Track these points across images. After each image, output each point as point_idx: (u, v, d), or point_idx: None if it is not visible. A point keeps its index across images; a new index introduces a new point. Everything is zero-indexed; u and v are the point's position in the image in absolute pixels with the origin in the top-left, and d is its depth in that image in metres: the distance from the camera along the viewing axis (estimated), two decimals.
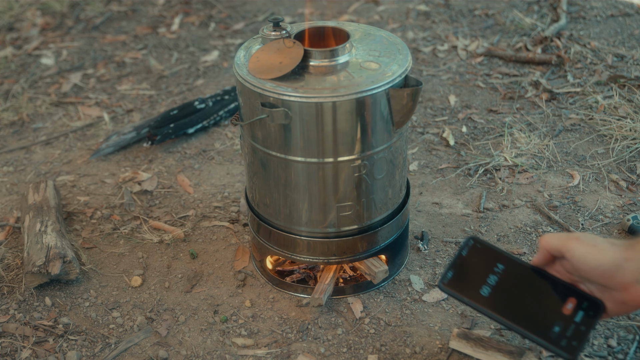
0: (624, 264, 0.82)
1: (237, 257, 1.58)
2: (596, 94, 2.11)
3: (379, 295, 1.44)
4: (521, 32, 2.59)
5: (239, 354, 1.33)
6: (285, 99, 1.20)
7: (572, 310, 0.89)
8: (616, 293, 0.85)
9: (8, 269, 1.56)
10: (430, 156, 1.90)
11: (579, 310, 0.89)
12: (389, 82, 1.21)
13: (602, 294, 0.87)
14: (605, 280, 0.84)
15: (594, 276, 0.85)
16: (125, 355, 1.33)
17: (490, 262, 0.97)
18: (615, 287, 0.84)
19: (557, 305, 0.91)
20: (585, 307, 0.89)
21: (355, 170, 1.28)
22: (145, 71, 2.52)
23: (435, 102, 2.17)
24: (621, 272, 0.82)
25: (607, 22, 2.63)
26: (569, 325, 0.89)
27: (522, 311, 0.93)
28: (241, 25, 2.84)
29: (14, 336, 1.39)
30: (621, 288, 0.83)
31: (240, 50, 1.34)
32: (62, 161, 2.01)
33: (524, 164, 1.82)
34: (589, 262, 0.84)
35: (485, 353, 1.24)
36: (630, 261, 0.82)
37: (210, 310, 1.43)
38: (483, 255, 0.99)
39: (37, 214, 1.62)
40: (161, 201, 1.79)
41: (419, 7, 2.87)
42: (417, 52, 2.50)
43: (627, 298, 0.84)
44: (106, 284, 1.52)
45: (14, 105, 2.33)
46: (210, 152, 2.00)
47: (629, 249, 0.83)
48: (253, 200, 1.43)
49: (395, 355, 1.30)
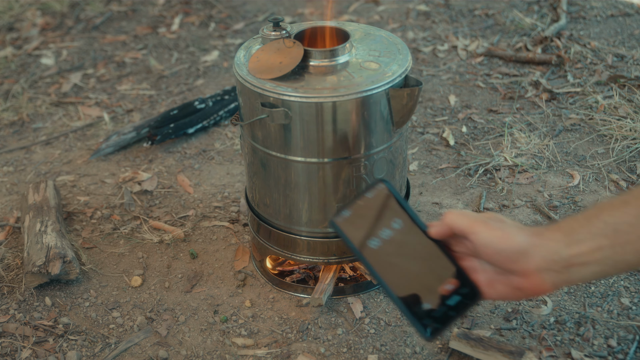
0: (530, 250, 0.79)
1: (237, 257, 1.58)
2: (596, 94, 2.11)
3: (379, 295, 1.44)
4: (521, 32, 2.59)
5: (239, 354, 1.33)
6: (285, 99, 1.20)
7: (450, 292, 0.85)
8: (515, 278, 0.81)
9: (8, 269, 1.56)
10: (430, 156, 1.90)
11: (455, 295, 0.85)
12: (389, 82, 1.21)
13: (498, 275, 0.83)
14: (507, 265, 0.81)
15: (497, 260, 0.81)
16: (125, 355, 1.33)
17: (390, 214, 0.90)
18: (516, 273, 0.81)
19: (437, 283, 0.86)
20: (463, 294, 0.85)
21: (355, 170, 1.28)
22: (145, 71, 2.52)
23: (435, 102, 2.17)
24: (526, 259, 0.79)
25: (607, 22, 2.63)
26: (440, 306, 0.84)
27: (400, 276, 0.87)
28: (241, 25, 2.84)
29: (14, 336, 1.39)
30: (522, 274, 0.80)
31: (240, 50, 1.34)
32: (62, 161, 2.01)
33: (524, 164, 1.82)
34: (494, 246, 0.80)
35: (485, 353, 1.24)
36: (537, 248, 0.79)
37: (210, 310, 1.43)
38: (386, 204, 0.91)
39: (37, 214, 1.62)
40: (161, 201, 1.79)
41: (419, 7, 2.87)
42: (417, 52, 2.50)
43: (525, 285, 0.81)
44: (106, 284, 1.52)
45: (14, 105, 2.33)
46: (210, 152, 2.00)
47: (537, 235, 0.80)
48: (253, 200, 1.43)
49: (395, 355, 1.30)
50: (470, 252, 0.85)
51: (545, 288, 0.80)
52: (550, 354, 1.27)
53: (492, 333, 1.32)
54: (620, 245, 0.76)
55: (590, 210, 0.79)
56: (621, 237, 0.76)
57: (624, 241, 0.76)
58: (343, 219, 0.90)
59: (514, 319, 1.36)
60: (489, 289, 0.84)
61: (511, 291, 0.83)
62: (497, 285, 0.83)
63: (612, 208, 0.77)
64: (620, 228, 0.76)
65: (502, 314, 1.37)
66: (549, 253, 0.78)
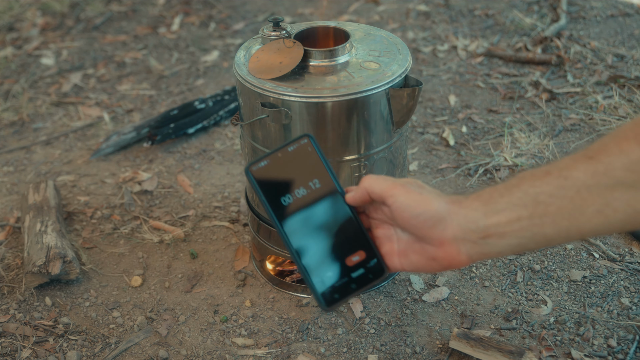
0: (447, 217, 0.75)
1: (237, 257, 1.58)
2: (596, 94, 2.11)
3: (379, 295, 1.44)
4: (521, 32, 2.59)
5: (239, 353, 1.33)
6: (285, 99, 1.20)
7: (355, 264, 0.81)
8: (430, 248, 0.77)
9: (8, 269, 1.56)
10: (430, 156, 1.90)
11: (361, 268, 0.81)
12: (389, 82, 1.21)
13: (413, 244, 0.79)
14: (423, 232, 0.76)
15: (413, 226, 0.77)
16: (126, 355, 1.34)
17: (309, 172, 0.84)
18: (431, 241, 0.76)
19: (344, 252, 0.81)
20: (369, 267, 0.81)
21: (355, 170, 1.28)
22: (146, 71, 2.52)
23: (435, 102, 2.17)
24: (442, 225, 0.75)
25: (607, 22, 2.63)
26: (343, 276, 0.80)
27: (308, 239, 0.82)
28: (241, 25, 2.84)
29: (14, 336, 1.39)
30: (437, 243, 0.76)
31: (240, 50, 1.34)
32: (63, 161, 2.01)
33: (524, 164, 1.82)
34: (410, 210, 0.76)
35: (485, 353, 1.24)
36: (455, 215, 0.75)
37: (211, 310, 1.43)
38: (307, 161, 0.85)
39: (38, 214, 1.62)
40: (161, 201, 1.79)
41: (419, 7, 2.87)
42: (417, 52, 2.50)
43: (440, 255, 0.76)
44: (106, 283, 1.52)
45: (14, 105, 2.33)
46: (210, 152, 2.00)
47: (456, 203, 0.76)
48: (253, 200, 1.43)
49: (395, 355, 1.30)
50: (387, 219, 0.81)
51: (460, 260, 0.76)
52: (550, 353, 1.27)
53: (492, 333, 1.32)
54: (538, 216, 0.72)
55: (512, 180, 0.75)
56: (540, 208, 0.72)
57: (542, 212, 0.72)
58: (258, 168, 0.83)
59: (514, 319, 1.36)
60: (402, 259, 0.80)
61: (425, 262, 0.79)
62: (411, 255, 0.79)
63: (534, 178, 0.73)
64: (540, 199, 0.72)
65: (502, 314, 1.37)
66: (466, 221, 0.74)
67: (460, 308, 1.39)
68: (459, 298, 1.42)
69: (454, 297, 1.42)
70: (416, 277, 1.47)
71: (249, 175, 0.83)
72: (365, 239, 0.82)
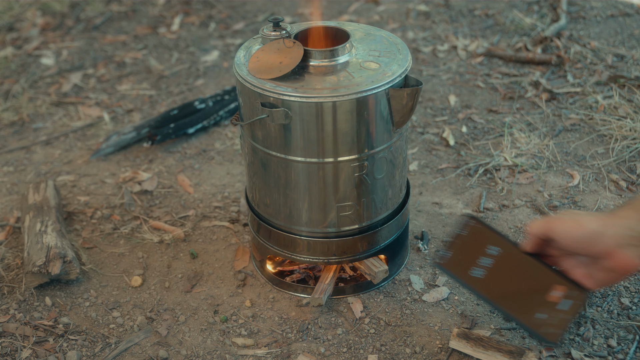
0: (604, 230, 0.85)
1: (237, 257, 1.58)
2: (596, 94, 2.11)
3: (379, 295, 1.44)
4: (521, 32, 2.59)
5: (239, 353, 1.33)
6: (285, 99, 1.20)
7: (558, 298, 0.92)
8: (604, 261, 0.87)
9: (8, 269, 1.56)
10: (430, 156, 1.91)
11: (564, 299, 0.92)
12: (389, 82, 1.21)
13: (592, 266, 0.91)
14: (590, 250, 0.87)
15: (579, 249, 0.88)
16: (126, 355, 1.34)
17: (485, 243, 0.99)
18: (600, 256, 0.87)
19: (543, 292, 0.93)
20: (571, 296, 0.92)
21: (355, 170, 1.28)
22: (146, 71, 2.53)
23: (435, 102, 2.17)
24: (603, 239, 0.85)
25: (607, 22, 2.63)
26: (552, 312, 0.91)
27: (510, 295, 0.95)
28: (241, 25, 2.85)
29: (14, 336, 1.39)
30: (606, 255, 0.86)
31: (240, 50, 1.34)
32: (63, 161, 2.01)
33: (524, 164, 1.82)
34: (571, 236, 0.87)
35: (485, 353, 1.24)
36: (611, 226, 0.85)
37: (211, 310, 1.43)
38: (479, 236, 1.00)
39: (38, 213, 1.62)
40: (161, 201, 1.79)
41: (419, 7, 2.87)
42: (417, 52, 2.50)
43: (613, 264, 0.86)
44: (106, 283, 1.52)
45: (14, 105, 2.33)
46: (210, 152, 2.00)
47: (609, 216, 0.87)
48: (253, 200, 1.43)
49: (395, 355, 1.30)
50: (561, 250, 0.91)
51: (633, 263, 0.85)
52: (550, 353, 1.27)
53: (492, 333, 1.32)
54: None
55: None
56: None
57: None
58: (446, 259, 1.00)
59: None
60: (589, 280, 0.91)
61: (607, 275, 0.88)
62: (594, 274, 0.89)
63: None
64: None
65: (502, 314, 1.37)
66: (622, 229, 0.84)
67: (460, 308, 1.39)
68: (459, 298, 1.42)
69: (454, 297, 1.42)
70: (416, 277, 1.48)
71: (441, 268, 1.02)
72: (556, 274, 0.94)
